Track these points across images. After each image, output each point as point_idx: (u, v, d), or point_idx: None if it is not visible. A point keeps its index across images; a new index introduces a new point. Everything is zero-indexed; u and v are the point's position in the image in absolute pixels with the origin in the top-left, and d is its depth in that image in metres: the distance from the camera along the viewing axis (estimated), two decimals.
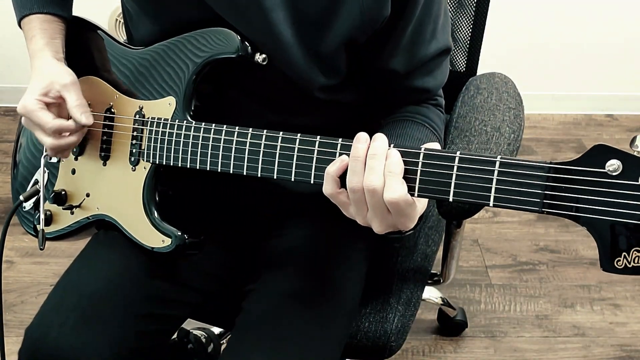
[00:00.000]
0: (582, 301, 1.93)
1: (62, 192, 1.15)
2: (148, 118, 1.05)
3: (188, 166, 1.00)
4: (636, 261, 0.69)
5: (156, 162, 1.04)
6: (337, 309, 1.08)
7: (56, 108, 1.07)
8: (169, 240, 1.03)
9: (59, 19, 1.13)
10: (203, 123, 0.99)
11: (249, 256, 1.17)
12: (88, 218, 1.13)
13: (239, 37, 0.98)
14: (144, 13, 1.07)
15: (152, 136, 1.04)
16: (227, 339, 1.35)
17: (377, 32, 0.98)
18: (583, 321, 1.87)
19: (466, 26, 1.39)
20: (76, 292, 1.06)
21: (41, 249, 1.11)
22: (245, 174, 0.95)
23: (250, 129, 0.94)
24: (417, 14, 0.98)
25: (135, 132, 1.06)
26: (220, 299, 1.19)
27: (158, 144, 1.03)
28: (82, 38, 1.16)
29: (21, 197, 1.13)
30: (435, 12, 1.01)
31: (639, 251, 0.68)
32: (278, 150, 0.91)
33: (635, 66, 2.64)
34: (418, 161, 0.80)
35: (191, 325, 1.37)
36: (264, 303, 1.06)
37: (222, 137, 0.96)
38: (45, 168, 1.14)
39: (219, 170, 0.97)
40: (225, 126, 0.96)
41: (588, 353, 1.78)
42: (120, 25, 2.34)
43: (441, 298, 1.78)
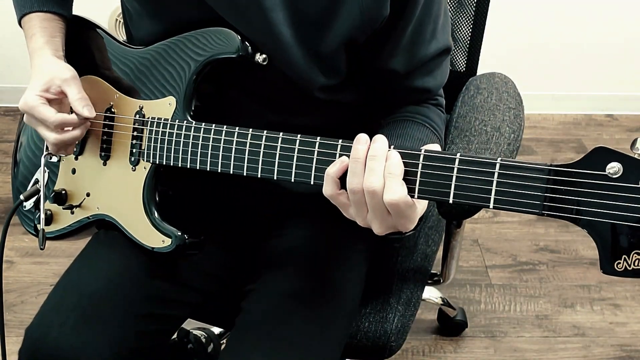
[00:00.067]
0: (582, 301, 1.93)
1: (63, 192, 1.15)
2: (148, 118, 1.05)
3: (188, 166, 1.00)
4: (636, 264, 0.69)
5: (156, 162, 1.04)
6: (337, 309, 1.07)
7: (57, 105, 1.07)
8: (169, 240, 1.03)
9: (59, 18, 1.13)
10: (203, 123, 0.99)
11: (249, 256, 1.17)
12: (88, 218, 1.13)
13: (239, 37, 0.98)
14: (144, 13, 1.07)
15: (152, 136, 1.04)
16: (227, 339, 1.35)
17: (377, 32, 0.98)
18: (583, 321, 1.87)
19: (466, 26, 1.39)
20: (76, 292, 1.06)
21: (41, 249, 1.10)
22: (245, 175, 0.95)
23: (250, 130, 0.94)
24: (417, 14, 0.97)
25: (135, 132, 1.06)
26: (220, 299, 1.19)
27: (158, 144, 1.03)
28: (83, 37, 1.16)
29: (21, 197, 1.13)
30: (435, 12, 1.01)
31: (639, 254, 0.68)
32: (278, 150, 0.91)
33: (635, 66, 2.64)
34: (418, 163, 0.80)
35: (191, 325, 1.37)
36: (264, 303, 1.06)
37: (222, 138, 0.96)
38: (45, 167, 1.13)
39: (219, 170, 0.97)
40: (225, 126, 0.96)
41: (588, 353, 1.78)
42: (120, 25, 2.34)
43: (441, 298, 1.78)
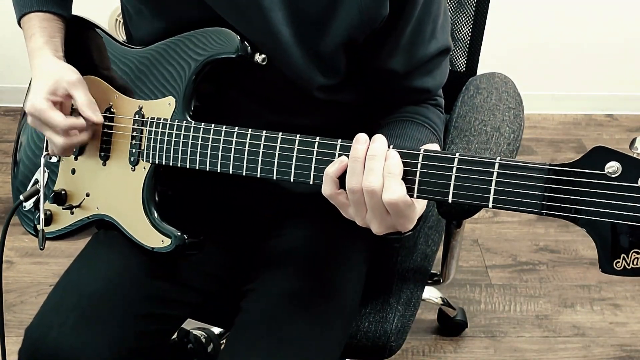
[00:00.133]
0: (582, 301, 1.93)
1: (62, 192, 1.15)
2: (147, 118, 1.05)
3: (187, 166, 1.00)
4: (635, 263, 0.69)
5: (156, 162, 1.04)
6: (337, 309, 1.07)
7: (59, 106, 1.07)
8: (169, 240, 1.03)
9: (59, 18, 1.13)
10: (202, 123, 0.99)
11: (249, 256, 1.17)
12: (88, 218, 1.13)
13: (239, 37, 0.98)
14: (144, 12, 1.07)
15: (152, 136, 1.04)
16: (226, 339, 1.35)
17: (376, 32, 0.98)
18: (583, 321, 1.87)
19: (466, 26, 1.39)
20: (76, 292, 1.06)
21: (41, 249, 1.11)
22: (244, 174, 0.95)
23: (249, 130, 0.94)
24: (417, 14, 0.97)
25: (134, 132, 1.06)
26: (220, 299, 1.19)
27: (157, 144, 1.03)
28: (82, 37, 1.16)
29: (21, 197, 1.13)
30: (434, 12, 1.01)
31: (638, 253, 0.68)
32: (277, 150, 0.91)
33: (635, 66, 2.64)
34: (417, 162, 0.80)
35: (191, 325, 1.37)
36: (263, 303, 1.06)
37: (222, 138, 0.96)
38: (45, 168, 1.14)
39: (219, 170, 0.97)
40: (224, 126, 0.96)
41: (588, 353, 1.78)
42: (120, 25, 2.34)
43: (441, 298, 1.78)
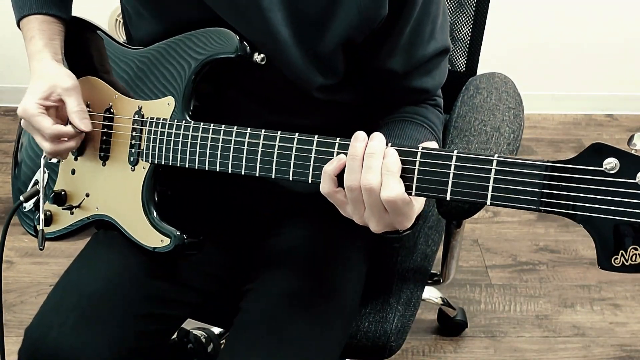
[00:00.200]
0: (582, 301, 1.92)
1: (62, 193, 1.15)
2: (147, 118, 1.05)
3: (187, 166, 1.01)
4: (633, 259, 0.69)
5: (155, 162, 1.04)
6: (336, 309, 1.07)
7: (54, 110, 1.07)
8: (168, 240, 1.03)
9: (58, 20, 1.13)
10: (202, 123, 0.99)
11: (248, 256, 1.17)
12: (88, 218, 1.13)
13: (238, 37, 0.98)
14: (143, 13, 1.07)
15: (151, 136, 1.04)
16: (226, 339, 1.35)
17: (375, 32, 0.98)
18: (583, 321, 1.87)
19: (466, 26, 1.39)
20: (76, 292, 1.06)
21: (41, 249, 1.11)
22: (243, 174, 0.95)
23: (248, 129, 0.94)
24: (416, 14, 0.98)
25: (134, 132, 1.06)
26: (219, 299, 1.19)
27: (157, 144, 1.03)
28: (82, 38, 1.16)
29: (21, 198, 1.13)
30: (433, 12, 1.01)
31: (637, 249, 0.69)
32: (276, 149, 0.91)
33: (635, 66, 2.64)
34: (415, 160, 0.80)
35: (191, 325, 1.37)
36: (263, 303, 1.06)
37: (221, 137, 0.96)
38: (45, 168, 1.14)
39: (218, 169, 0.97)
40: (223, 126, 0.96)
41: (588, 353, 1.78)
42: (120, 25, 2.34)
43: (441, 298, 1.78)
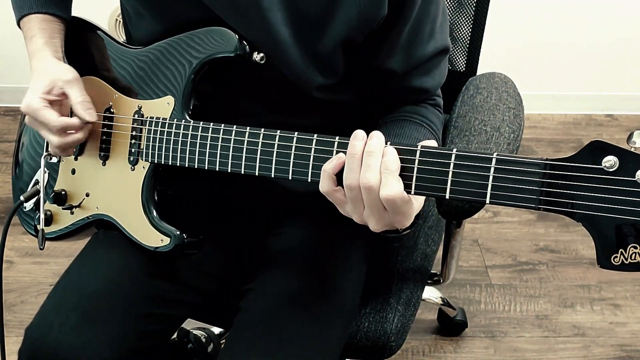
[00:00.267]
0: (582, 301, 1.92)
1: (62, 192, 1.15)
2: (147, 117, 1.05)
3: (186, 165, 1.01)
4: (633, 257, 0.69)
5: (155, 162, 1.04)
6: (336, 309, 1.07)
7: (58, 106, 1.07)
8: (168, 239, 1.03)
9: (58, 19, 1.13)
10: (201, 122, 0.99)
11: (248, 256, 1.17)
12: (88, 218, 1.13)
13: (237, 37, 0.98)
14: (143, 13, 1.07)
15: (151, 135, 1.04)
16: (226, 339, 1.35)
17: (375, 32, 0.98)
18: (583, 321, 1.87)
19: (466, 26, 1.39)
20: (76, 292, 1.06)
21: (41, 249, 1.11)
22: (243, 173, 0.95)
23: (247, 128, 0.94)
24: (415, 14, 0.98)
25: (134, 132, 1.06)
26: (219, 299, 1.19)
27: (157, 144, 1.03)
28: (82, 38, 1.16)
29: (22, 198, 1.14)
30: (433, 12, 1.01)
31: (636, 247, 0.68)
32: (275, 148, 0.91)
33: (635, 66, 2.64)
34: (414, 159, 0.80)
35: (191, 325, 1.37)
36: (262, 302, 1.06)
37: (220, 136, 0.96)
38: (45, 168, 1.14)
39: (217, 169, 0.97)
40: (223, 125, 0.96)
41: (588, 353, 1.78)
42: (120, 25, 2.34)
43: (441, 298, 1.78)
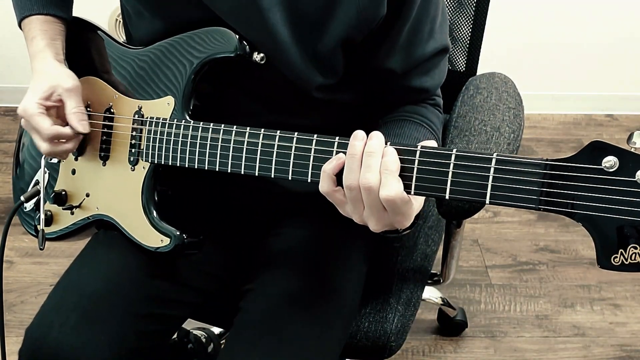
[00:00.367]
0: (582, 301, 1.92)
1: (63, 193, 1.15)
2: (147, 118, 1.05)
3: (186, 165, 1.01)
4: (633, 258, 0.69)
5: (155, 162, 1.04)
6: (336, 309, 1.07)
7: (55, 110, 1.07)
8: (168, 240, 1.03)
9: (59, 20, 1.13)
10: (201, 122, 0.99)
11: (248, 256, 1.17)
12: (88, 218, 1.13)
13: (237, 37, 0.98)
14: (143, 13, 1.07)
15: (151, 136, 1.04)
16: (226, 339, 1.35)
17: (374, 32, 0.98)
18: (583, 321, 1.87)
19: (466, 26, 1.39)
20: (76, 292, 1.06)
21: (41, 249, 1.11)
22: (243, 173, 0.95)
23: (247, 128, 0.94)
24: (414, 14, 0.98)
25: (134, 132, 1.06)
26: (219, 299, 1.19)
27: (157, 144, 1.03)
28: (82, 38, 1.16)
29: (22, 198, 1.14)
30: (432, 12, 1.01)
31: (636, 248, 0.68)
32: (275, 148, 0.91)
33: (635, 66, 2.64)
34: (414, 159, 0.80)
35: (191, 325, 1.38)
36: (262, 303, 1.06)
37: (220, 137, 0.96)
38: (45, 168, 1.14)
39: (217, 169, 0.97)
40: (223, 125, 0.96)
41: (588, 353, 1.78)
42: (120, 25, 2.34)
43: (441, 298, 1.78)
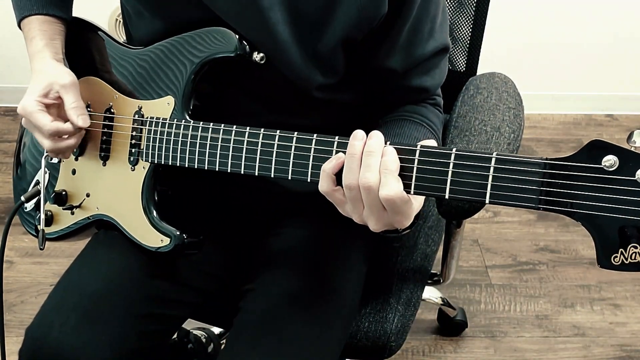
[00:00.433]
0: (582, 301, 1.92)
1: (63, 193, 1.15)
2: (147, 118, 1.05)
3: (186, 165, 1.01)
4: (633, 257, 0.69)
5: (155, 162, 1.04)
6: (336, 309, 1.07)
7: (56, 109, 1.07)
8: (168, 239, 1.03)
9: (59, 20, 1.13)
10: (201, 122, 0.99)
11: (248, 256, 1.17)
12: (88, 218, 1.13)
13: (237, 37, 0.98)
14: (143, 13, 1.07)
15: (151, 136, 1.04)
16: (226, 339, 1.35)
17: (374, 31, 0.98)
18: (583, 321, 1.87)
19: (466, 26, 1.39)
20: (77, 292, 1.06)
21: (41, 249, 1.11)
22: (242, 173, 0.95)
23: (247, 128, 0.94)
24: (415, 13, 0.98)
25: (134, 132, 1.06)
26: (220, 299, 1.19)
27: (157, 144, 1.03)
28: (82, 39, 1.16)
29: (22, 198, 1.14)
30: (433, 11, 1.01)
31: (636, 247, 0.68)
32: (275, 148, 0.91)
33: (635, 66, 2.64)
34: (414, 158, 0.80)
35: (191, 325, 1.38)
36: (262, 303, 1.06)
37: (220, 136, 0.96)
38: (46, 169, 1.14)
39: (217, 169, 0.97)
40: (223, 125, 0.96)
41: (588, 353, 1.78)
42: (120, 25, 2.34)
43: (441, 298, 1.78)
